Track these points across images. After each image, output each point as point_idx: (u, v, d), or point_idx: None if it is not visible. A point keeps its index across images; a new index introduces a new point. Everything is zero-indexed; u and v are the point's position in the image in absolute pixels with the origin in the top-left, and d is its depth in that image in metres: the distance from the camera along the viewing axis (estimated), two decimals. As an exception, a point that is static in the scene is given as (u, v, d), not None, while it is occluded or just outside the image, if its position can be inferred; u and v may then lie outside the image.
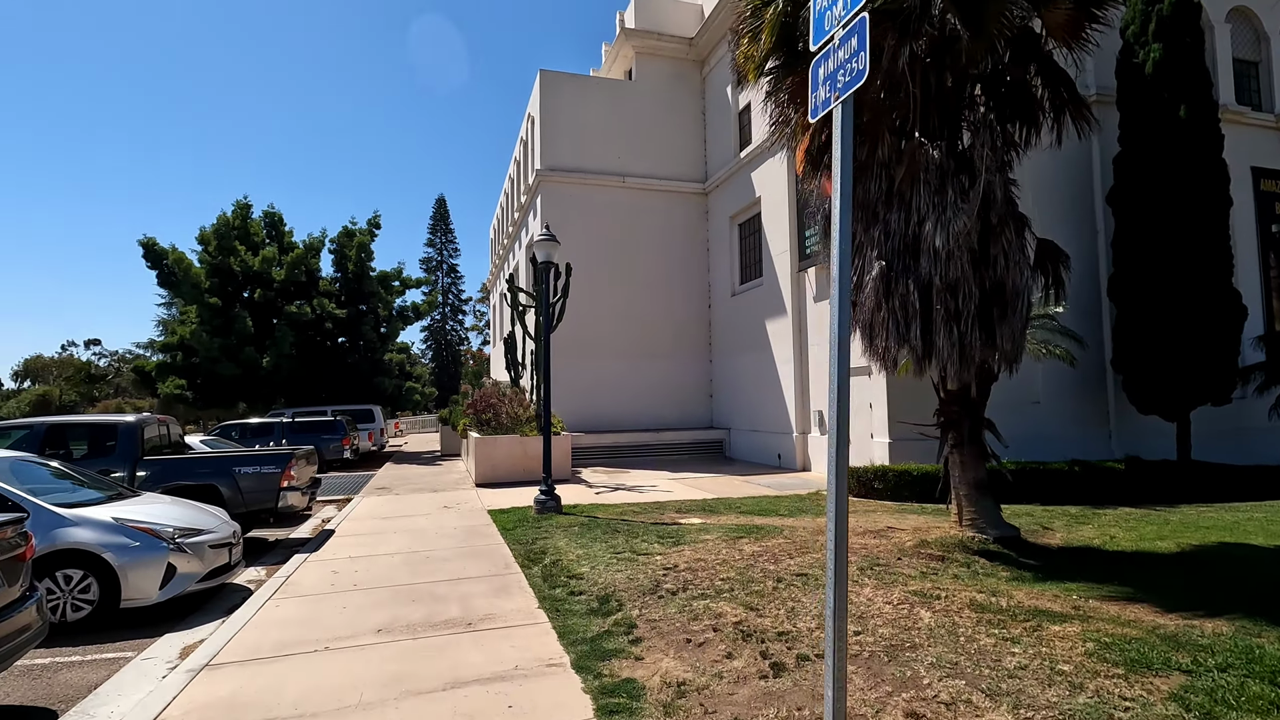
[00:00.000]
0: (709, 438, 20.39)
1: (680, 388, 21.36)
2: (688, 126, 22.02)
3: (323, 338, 24.72)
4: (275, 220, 26.11)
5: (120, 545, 5.46)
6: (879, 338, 6.13)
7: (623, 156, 21.24)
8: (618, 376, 20.63)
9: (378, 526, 9.74)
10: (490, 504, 11.83)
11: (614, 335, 20.59)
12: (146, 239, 22.65)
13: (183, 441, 9.31)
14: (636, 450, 19.53)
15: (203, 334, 21.94)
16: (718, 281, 21.21)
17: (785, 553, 6.41)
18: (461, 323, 61.46)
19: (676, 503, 11.42)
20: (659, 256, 21.36)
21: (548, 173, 20.41)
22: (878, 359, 6.41)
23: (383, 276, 25.69)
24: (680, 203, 21.76)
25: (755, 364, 18.46)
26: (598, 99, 21.18)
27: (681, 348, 21.43)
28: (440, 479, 16.33)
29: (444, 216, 59.85)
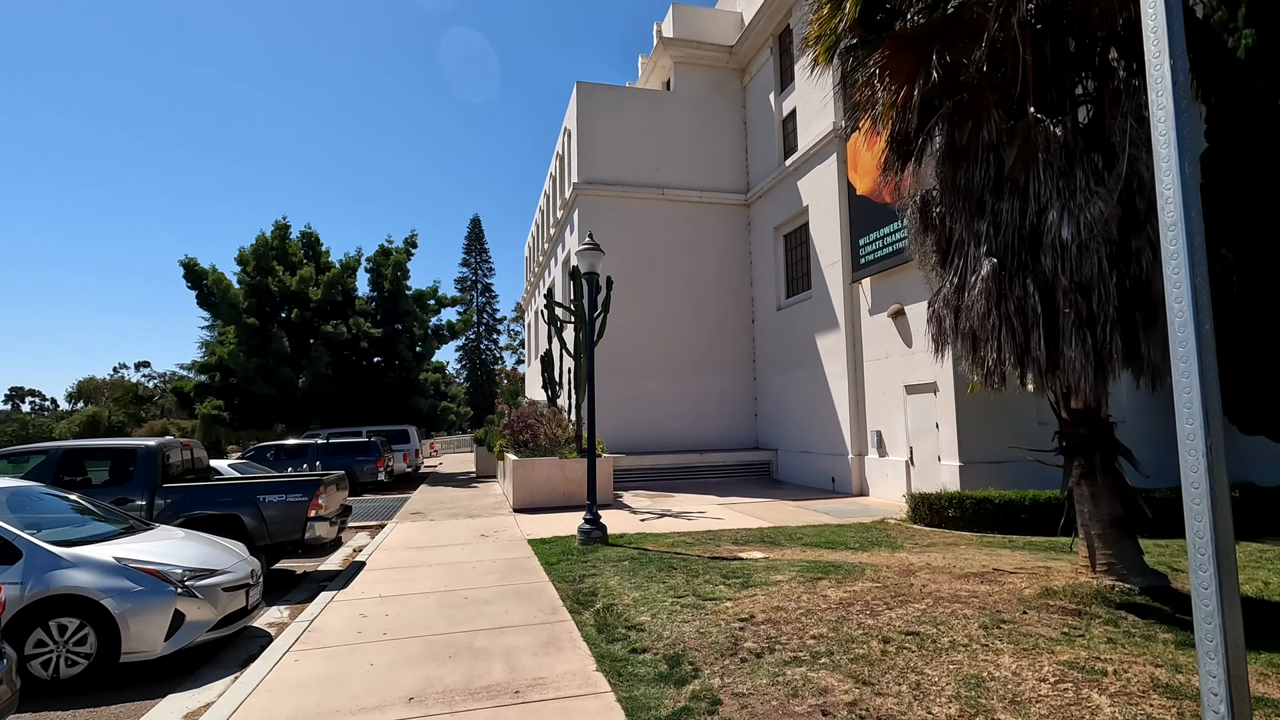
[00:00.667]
0: (755, 459, 19.38)
1: (723, 407, 20.44)
2: (728, 136, 21.32)
3: (358, 357, 24.45)
4: (312, 240, 26.10)
5: (121, 590, 4.80)
6: (987, 348, 5.21)
7: (662, 168, 20.61)
8: (658, 395, 19.82)
9: (411, 558, 9.02)
10: (530, 532, 11.06)
11: (653, 352, 19.82)
12: (187, 259, 22.73)
13: (208, 467, 8.76)
14: (679, 472, 18.62)
15: (239, 354, 21.80)
16: (762, 295, 20.32)
17: (880, 601, 5.47)
18: (496, 342, 61.47)
19: (731, 532, 10.49)
20: (699, 270, 20.58)
21: (585, 186, 19.86)
22: (982, 373, 5.48)
23: (418, 295, 25.40)
24: (721, 215, 21.00)
25: (805, 381, 17.46)
26: (635, 110, 20.63)
27: (724, 365, 20.54)
28: (476, 503, 15.65)
29: (479, 236, 60.17)
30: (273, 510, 7.51)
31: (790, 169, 18.18)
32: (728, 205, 21.04)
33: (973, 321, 5.24)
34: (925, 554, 8.03)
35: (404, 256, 24.72)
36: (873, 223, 14.69)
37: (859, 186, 15.17)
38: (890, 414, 14.40)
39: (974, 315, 5.21)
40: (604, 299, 15.60)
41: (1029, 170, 5.08)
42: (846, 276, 15.79)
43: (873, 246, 14.71)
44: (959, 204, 5.51)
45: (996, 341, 5.11)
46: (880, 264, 14.40)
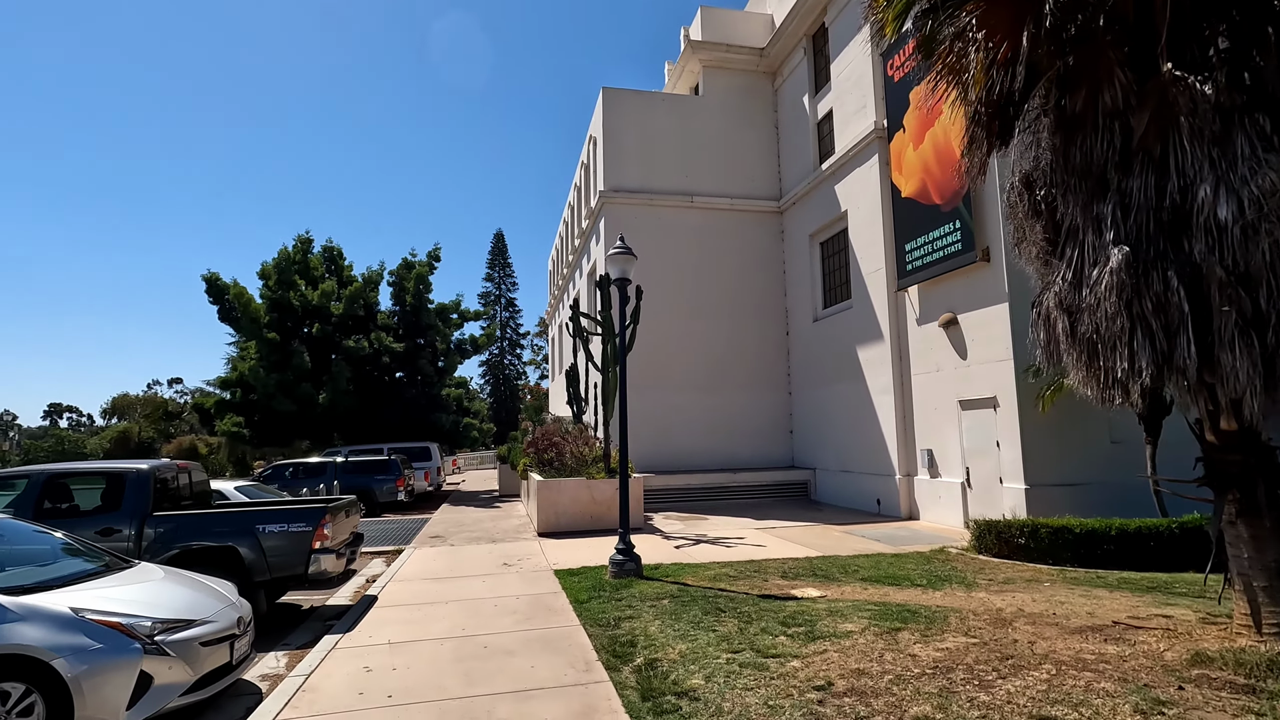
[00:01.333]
0: (791, 479, 18.32)
1: (756, 423, 19.44)
2: (759, 142, 20.50)
3: (380, 373, 23.91)
4: (335, 255, 25.75)
5: (76, 648, 4.02)
6: (1115, 357, 4.26)
7: (691, 175, 19.84)
8: (687, 411, 18.90)
9: (427, 592, 8.20)
10: (556, 561, 10.18)
11: (682, 366, 18.93)
12: (210, 274, 22.43)
13: (207, 491, 8.06)
14: (711, 493, 17.63)
15: (260, 370, 21.36)
16: (797, 306, 19.36)
17: (986, 666, 4.50)
18: (520, 357, 60.97)
19: (777, 563, 9.51)
20: (730, 280, 19.71)
21: (611, 194, 19.15)
22: (1102, 386, 4.52)
23: (441, 309, 24.85)
24: (753, 222, 20.14)
25: (845, 396, 16.43)
26: (663, 115, 19.93)
27: (756, 379, 19.57)
28: (499, 525, 14.82)
29: (502, 251, 59.96)
30: (273, 541, 6.74)
31: (827, 173, 17.28)
32: (759, 212, 20.18)
33: (1097, 324, 4.30)
34: (1009, 595, 6.99)
35: (427, 269, 24.21)
36: (919, 226, 13.72)
37: (904, 188, 14.23)
38: (942, 431, 13.32)
39: (1099, 316, 4.27)
40: (633, 310, 14.77)
41: (1167, 138, 4.17)
42: (891, 284, 14.80)
43: (920, 251, 13.72)
44: (1073, 183, 4.60)
45: (1129, 349, 4.16)
46: (929, 270, 13.41)
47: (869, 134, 15.32)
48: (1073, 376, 4.79)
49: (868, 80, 15.65)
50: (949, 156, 12.84)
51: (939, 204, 13.20)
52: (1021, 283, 11.71)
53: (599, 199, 19.44)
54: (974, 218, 12.26)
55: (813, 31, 18.75)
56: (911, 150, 13.97)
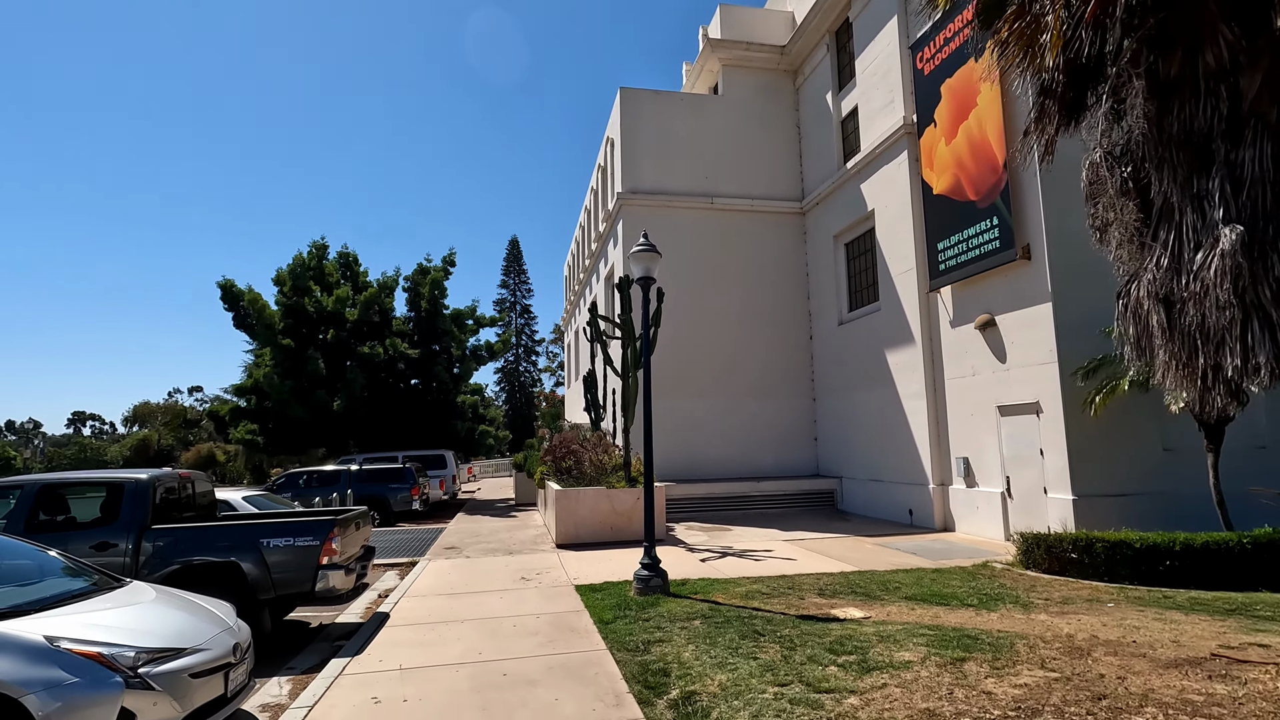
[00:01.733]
0: (816, 488, 17.69)
1: (779, 430, 18.86)
2: (780, 141, 20.00)
3: (395, 379, 23.60)
4: (350, 261, 25.54)
5: (49, 682, 3.58)
6: (1225, 352, 3.71)
7: (710, 176, 19.38)
8: (708, 419, 18.36)
9: (442, 609, 7.73)
10: (577, 575, 9.68)
11: (702, 372, 18.40)
12: (225, 281, 22.29)
13: (212, 502, 7.66)
14: (734, 502, 17.06)
15: (274, 377, 21.12)
16: (821, 309, 18.78)
17: (1077, 706, 3.94)
18: (535, 364, 60.69)
19: (811, 579, 8.95)
20: (751, 283, 19.18)
21: (629, 195, 18.72)
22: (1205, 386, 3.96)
23: (456, 315, 24.52)
24: (774, 224, 19.62)
25: (873, 402, 15.82)
26: (681, 116, 19.50)
27: (779, 385, 18.99)
28: (516, 536, 14.35)
29: (517, 257, 59.83)
30: (278, 556, 6.30)
31: (852, 171, 16.74)
32: (781, 214, 19.66)
33: (1202, 314, 3.75)
34: (1074, 618, 6.39)
35: (442, 275, 23.91)
36: (953, 224, 13.13)
37: (936, 185, 13.66)
38: (980, 438, 12.68)
39: (1205, 306, 3.73)
40: (655, 311, 14.27)
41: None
42: (922, 285, 14.21)
43: (954, 250, 13.13)
44: (1170, 156, 4.06)
45: (1241, 343, 3.62)
46: (964, 269, 12.81)
47: (897, 130, 14.78)
48: (1165, 375, 4.23)
49: (895, 74, 15.11)
50: (985, 150, 12.28)
51: (974, 200, 12.62)
52: (1066, 281, 11.10)
53: (616, 201, 19.02)
54: (1013, 213, 11.67)
55: (835, 27, 18.25)
56: (944, 145, 13.41)
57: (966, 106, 12.78)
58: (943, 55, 13.47)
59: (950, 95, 13.24)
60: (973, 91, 12.59)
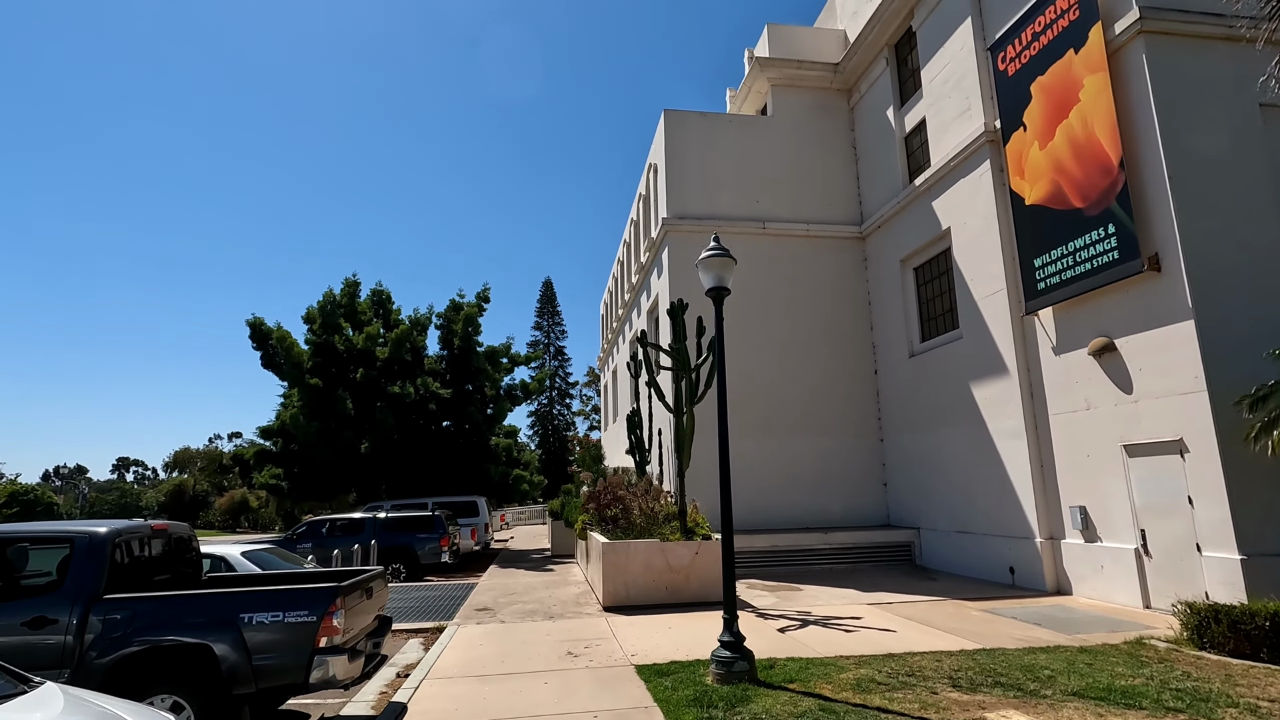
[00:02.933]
0: (890, 540, 15.70)
1: (843, 475, 17.00)
2: (835, 163, 18.70)
3: (426, 420, 22.40)
4: (383, 299, 24.73)
5: None
6: None
7: (761, 200, 18.10)
8: (762, 460, 16.62)
9: (472, 702, 6.13)
10: (634, 649, 8.01)
11: (754, 409, 16.73)
12: (254, 319, 21.55)
13: (197, 559, 6.26)
14: (798, 556, 15.17)
15: (300, 417, 20.08)
16: (886, 340, 17.10)
17: None
18: (569, 407, 59.38)
19: (929, 660, 7.13)
20: (807, 313, 17.65)
21: (675, 221, 17.50)
22: None
23: (490, 352, 23.38)
24: (831, 250, 18.16)
25: (957, 442, 13.97)
26: (729, 138, 18.37)
27: (842, 424, 17.22)
28: (555, 594, 12.69)
29: (551, 299, 59.22)
30: (263, 636, 4.84)
31: (921, 189, 15.26)
32: (839, 239, 18.21)
33: None
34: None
35: (476, 311, 22.87)
36: (1053, 237, 11.50)
37: (1029, 195, 12.09)
38: (1100, 484, 10.77)
39: None
40: (710, 342, 12.78)
41: None
42: (1015, 308, 12.51)
43: (1056, 266, 11.46)
44: None
45: None
46: (1070, 287, 11.11)
47: (977, 138, 13.32)
48: None
49: (971, 79, 13.75)
50: (1093, 150, 10.72)
51: (1080, 208, 11.00)
52: (1210, 294, 9.35)
53: (661, 228, 17.81)
54: (1135, 219, 10.01)
55: (895, 40, 17.07)
56: (1037, 150, 11.89)
57: (1066, 104, 11.29)
58: (1031, 52, 12.08)
59: (1044, 94, 11.78)
60: (1074, 86, 11.11)
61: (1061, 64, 11.38)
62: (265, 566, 8.07)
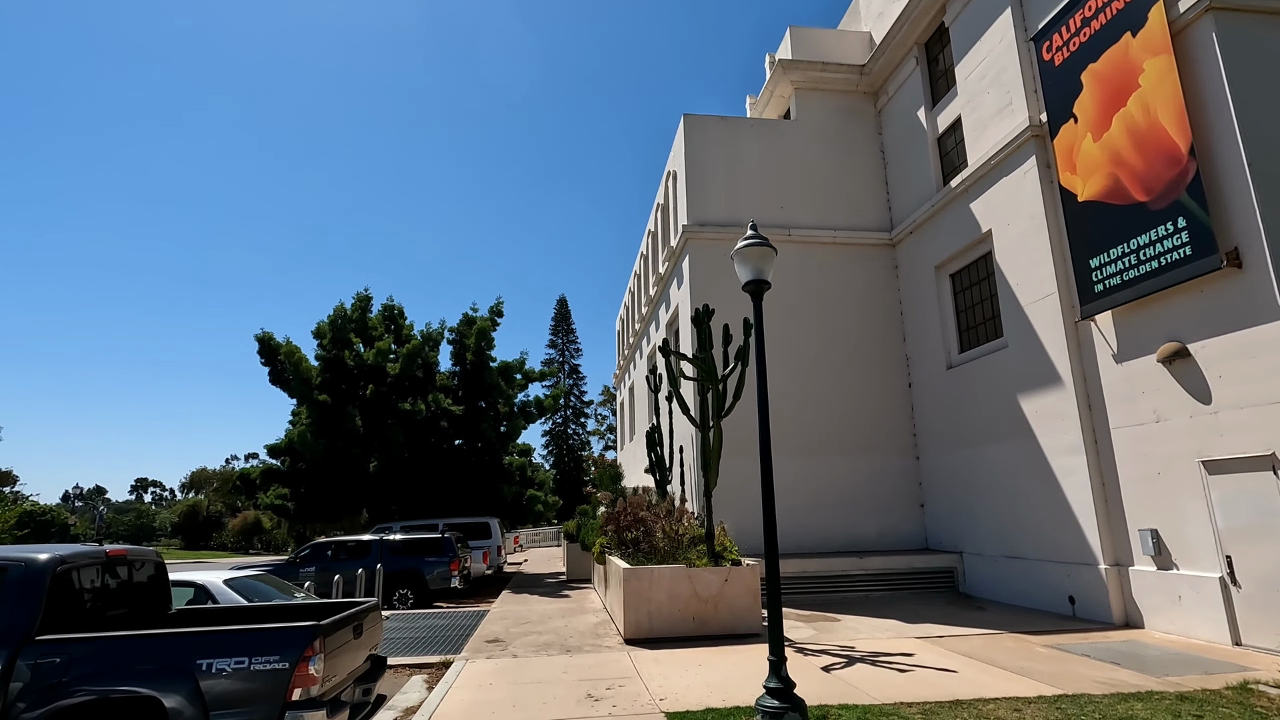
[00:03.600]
0: (930, 566, 14.59)
1: (876, 494, 15.98)
2: (862, 168, 17.93)
3: (437, 438, 21.63)
4: (395, 314, 24.16)
5: None
6: None
7: (786, 206, 17.34)
8: (791, 481, 15.63)
9: (478, 757, 5.25)
10: (662, 690, 7.08)
11: (783, 427, 15.74)
12: (263, 333, 20.99)
13: (165, 589, 5.45)
14: (832, 582, 14.13)
15: (307, 435, 19.38)
16: (921, 352, 16.15)
17: None
18: (584, 426, 58.48)
19: (1004, 708, 6.15)
20: (835, 324, 16.76)
21: (695, 228, 16.75)
22: None
23: (504, 368, 22.63)
24: (859, 258, 17.31)
25: (1004, 459, 12.95)
26: (751, 142, 17.67)
27: (873, 441, 16.23)
28: (571, 624, 11.76)
29: (565, 317, 58.62)
30: (224, 686, 4.01)
31: (957, 191, 14.41)
32: (867, 246, 17.37)
33: None
34: None
35: (489, 325, 22.18)
36: (1112, 234, 10.58)
37: (1081, 190, 11.20)
38: (1175, 504, 9.72)
39: None
40: (738, 351, 11.93)
41: None
42: (1068, 313, 11.56)
43: (1116, 266, 10.52)
44: None
45: None
46: (1134, 288, 10.16)
47: (1020, 133, 12.48)
48: None
49: (1013, 72, 12.95)
50: (1157, 138, 9.83)
51: (1143, 201, 10.09)
52: (1304, 291, 8.39)
53: (681, 235, 17.06)
54: (1210, 210, 9.09)
55: (925, 38, 16.35)
56: (1091, 142, 11.02)
57: (1123, 91, 10.43)
58: (1081, 39, 11.26)
59: (1096, 83, 10.93)
60: (1132, 71, 10.26)
61: (1117, 49, 10.55)
62: (253, 596, 7.24)
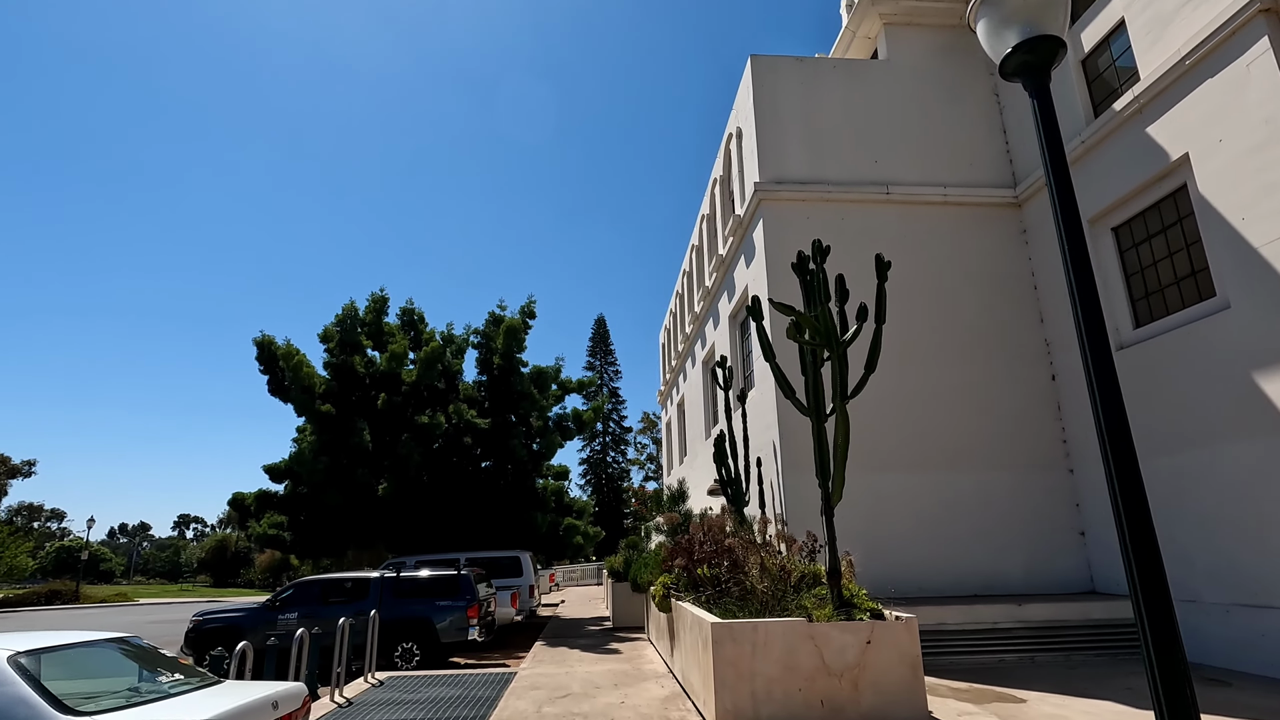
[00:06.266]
0: (1115, 617, 10.64)
1: (1017, 519, 12.23)
2: (973, 114, 14.59)
3: (461, 458, 18.49)
4: (414, 319, 21.25)
5: None
6: None
7: (881, 161, 14.04)
8: (905, 502, 12.08)
9: None
10: None
11: (891, 434, 12.28)
12: (263, 337, 18.26)
13: None
14: (981, 639, 10.33)
15: (307, 452, 16.43)
16: (1068, 334, 12.49)
17: None
18: (623, 453, 54.88)
19: None
20: (950, 305, 13.25)
21: (770, 188, 13.52)
22: None
23: (538, 374, 19.46)
24: (976, 221, 13.86)
25: (1230, 467, 9.19)
26: (833, 87, 14.50)
27: (1010, 450, 12.56)
28: (631, 700, 8.25)
29: (604, 337, 55.56)
30: None
31: (1125, 115, 10.94)
32: (986, 205, 13.92)
33: None
34: None
35: (519, 324, 19.13)
36: None
37: (1368, 64, 7.64)
38: None
39: None
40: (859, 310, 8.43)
41: None
42: (1347, 248, 7.89)
43: None
44: None
45: None
46: None
47: (1243, 8, 9.00)
48: None
49: (1216, -63, 9.53)
50: None
51: None
52: None
53: (753, 197, 13.81)
54: None
55: (1056, -57, 13.03)
56: (1384, -11, 7.49)
57: None
58: None
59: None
60: None
61: None
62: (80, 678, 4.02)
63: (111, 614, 32.34)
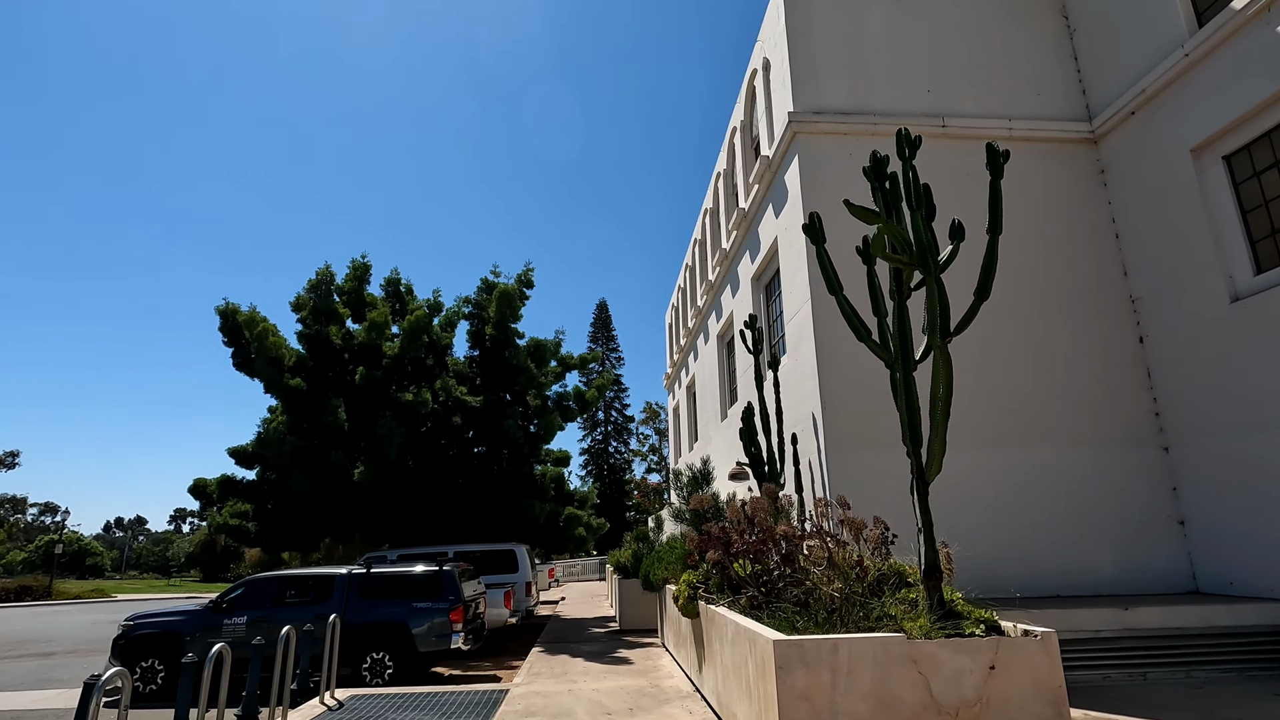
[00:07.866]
0: (1246, 623, 8.70)
1: (1102, 506, 10.31)
2: (1038, 37, 12.63)
3: (449, 439, 16.55)
4: (400, 291, 19.19)
5: None
6: None
7: (935, 89, 12.07)
8: (977, 485, 10.14)
9: None
10: None
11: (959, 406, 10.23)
12: (226, 305, 16.24)
13: None
14: (1078, 649, 8.40)
15: (274, 432, 14.47)
16: (1160, 287, 10.55)
17: None
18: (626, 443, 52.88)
19: None
20: (1018, 256, 11.23)
21: (808, 119, 11.54)
22: None
23: (535, 347, 17.48)
24: (1045, 158, 11.91)
25: None
26: (876, 7, 12.52)
27: (1092, 423, 10.64)
28: (653, 738, 6.32)
29: (605, 322, 53.49)
30: None
31: (1247, 15, 8.95)
32: (1057, 141, 11.97)
33: None
34: None
35: (514, 291, 17.14)
36: None
37: None
38: None
39: None
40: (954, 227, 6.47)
41: None
42: None
43: None
44: None
45: None
46: None
47: None
48: None
49: None
50: None
51: None
52: None
53: (787, 129, 11.82)
54: None
55: None
56: None
57: None
58: None
59: None
60: None
61: None
62: None
63: (61, 613, 30.44)
